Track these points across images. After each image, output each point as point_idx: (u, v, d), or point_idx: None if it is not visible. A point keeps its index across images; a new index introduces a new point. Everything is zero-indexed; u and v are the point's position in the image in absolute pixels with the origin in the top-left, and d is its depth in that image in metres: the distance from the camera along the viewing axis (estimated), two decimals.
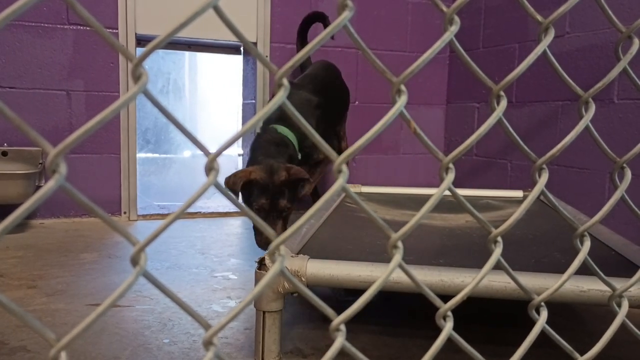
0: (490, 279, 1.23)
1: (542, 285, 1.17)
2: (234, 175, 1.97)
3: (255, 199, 1.96)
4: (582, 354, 0.56)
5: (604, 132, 2.43)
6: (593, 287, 1.25)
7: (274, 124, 2.22)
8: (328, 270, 1.29)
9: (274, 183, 1.95)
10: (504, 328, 1.56)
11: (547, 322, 0.54)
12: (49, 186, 0.33)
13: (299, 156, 2.24)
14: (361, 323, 1.54)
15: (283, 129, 2.20)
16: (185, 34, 2.96)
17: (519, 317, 1.59)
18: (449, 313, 0.45)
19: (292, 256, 1.33)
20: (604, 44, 2.51)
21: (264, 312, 1.30)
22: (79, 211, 2.89)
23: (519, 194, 2.51)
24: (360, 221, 1.90)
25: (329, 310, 0.43)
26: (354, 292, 1.83)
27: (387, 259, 0.65)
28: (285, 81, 0.39)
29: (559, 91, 2.74)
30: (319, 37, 0.41)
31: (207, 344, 0.39)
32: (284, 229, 1.99)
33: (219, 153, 0.37)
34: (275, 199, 1.95)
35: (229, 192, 0.42)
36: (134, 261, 0.36)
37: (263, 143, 2.15)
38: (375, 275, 1.25)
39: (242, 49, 3.36)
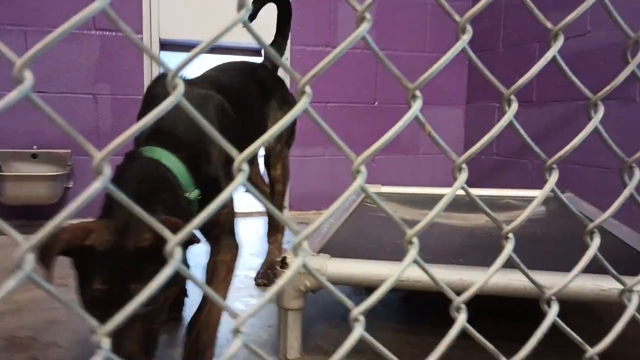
0: (510, 278, 1.25)
1: (558, 283, 1.18)
2: (57, 234, 0.98)
3: (87, 280, 1.02)
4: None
5: (624, 131, 2.41)
6: (613, 285, 1.26)
7: (144, 145, 1.27)
8: (348, 269, 1.32)
9: (125, 251, 1.01)
10: (521, 324, 1.57)
11: (568, 322, 0.56)
12: (95, 187, 0.36)
13: (193, 195, 1.25)
14: (384, 321, 1.56)
15: (159, 152, 1.24)
16: (205, 38, 3.01)
17: (535, 315, 1.59)
18: (462, 305, 0.47)
19: (312, 255, 1.37)
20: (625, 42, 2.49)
21: (286, 310, 1.35)
22: None
23: (539, 193, 2.51)
24: (380, 220, 1.92)
25: (348, 302, 0.45)
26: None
27: None
28: (308, 89, 0.41)
29: (578, 90, 2.72)
30: (341, 46, 0.44)
31: (236, 332, 0.42)
32: (147, 345, 1.03)
33: (247, 157, 0.40)
34: (122, 282, 1.00)
35: (256, 192, 0.45)
36: (169, 254, 0.40)
37: (124, 180, 1.16)
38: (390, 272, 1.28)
39: (262, 51, 3.40)
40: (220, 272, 1.32)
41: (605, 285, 1.28)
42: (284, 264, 1.32)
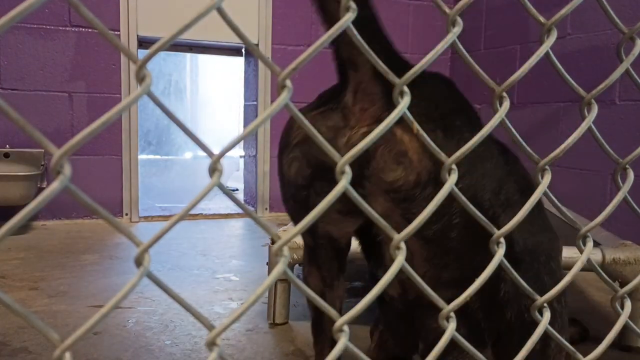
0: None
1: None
2: None
3: None
4: (585, 355, 0.56)
5: (605, 133, 2.43)
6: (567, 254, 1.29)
7: None
8: None
9: None
10: None
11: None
12: (53, 187, 0.33)
13: None
14: (363, 324, 1.54)
15: None
16: (186, 36, 2.97)
17: None
18: (452, 314, 0.45)
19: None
20: (605, 45, 2.51)
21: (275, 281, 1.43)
22: (81, 213, 2.89)
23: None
24: None
25: (332, 312, 0.43)
26: (355, 294, 1.83)
27: None
28: (288, 82, 0.39)
29: (560, 92, 2.73)
30: (322, 38, 0.41)
31: (211, 344, 0.39)
32: None
33: (223, 154, 0.37)
34: None
35: (231, 193, 0.42)
36: (138, 262, 0.36)
37: None
38: None
39: (243, 50, 3.36)
40: None
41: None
42: (274, 242, 1.32)
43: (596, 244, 1.45)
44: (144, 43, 2.94)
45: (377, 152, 0.75)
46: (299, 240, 1.32)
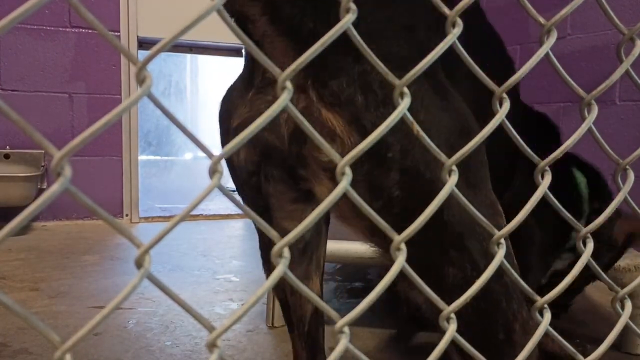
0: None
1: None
2: None
3: None
4: (585, 356, 0.56)
5: (605, 134, 2.43)
6: None
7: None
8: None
9: None
10: None
11: (553, 328, 0.54)
12: (54, 189, 0.33)
13: None
14: (366, 326, 1.54)
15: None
16: (186, 37, 2.97)
17: None
18: (452, 315, 0.45)
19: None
20: (605, 46, 2.51)
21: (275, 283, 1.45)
22: (81, 213, 2.90)
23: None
24: None
25: (332, 312, 0.43)
26: (355, 294, 1.83)
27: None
28: (289, 84, 0.39)
29: (560, 92, 2.73)
30: (322, 40, 0.41)
31: (211, 346, 0.39)
32: None
33: (223, 156, 0.37)
34: None
35: (231, 194, 0.42)
36: (139, 263, 0.36)
37: None
38: (370, 253, 1.30)
39: (243, 51, 3.36)
40: None
41: None
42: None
43: None
44: (144, 44, 2.94)
45: None
46: None
